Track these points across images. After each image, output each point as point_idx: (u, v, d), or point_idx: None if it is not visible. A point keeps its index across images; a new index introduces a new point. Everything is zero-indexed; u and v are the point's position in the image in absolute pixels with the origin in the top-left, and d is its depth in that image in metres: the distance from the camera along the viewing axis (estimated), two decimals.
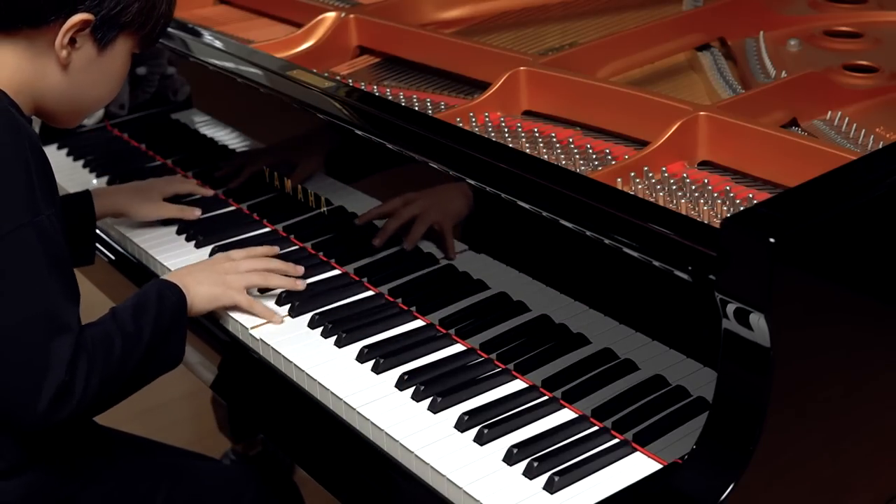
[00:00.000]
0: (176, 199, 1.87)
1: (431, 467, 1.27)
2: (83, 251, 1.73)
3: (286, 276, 1.60)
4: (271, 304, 1.59)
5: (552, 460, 1.25)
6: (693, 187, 1.40)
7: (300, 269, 1.62)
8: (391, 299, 1.59)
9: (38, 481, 1.42)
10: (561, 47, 1.83)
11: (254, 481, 1.64)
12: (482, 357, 1.45)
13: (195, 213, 1.82)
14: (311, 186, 1.74)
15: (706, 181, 1.42)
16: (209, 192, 1.91)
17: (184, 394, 2.88)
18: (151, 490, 1.53)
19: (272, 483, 1.67)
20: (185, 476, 1.59)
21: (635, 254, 1.23)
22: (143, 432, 1.70)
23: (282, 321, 1.55)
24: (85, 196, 1.76)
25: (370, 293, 1.61)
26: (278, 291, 1.60)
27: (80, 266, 1.75)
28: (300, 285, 1.60)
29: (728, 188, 1.39)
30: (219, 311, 1.57)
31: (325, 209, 1.72)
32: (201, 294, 1.53)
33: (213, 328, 1.61)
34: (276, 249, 1.66)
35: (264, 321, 1.55)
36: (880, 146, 1.45)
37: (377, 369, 1.44)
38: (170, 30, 1.97)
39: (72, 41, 1.39)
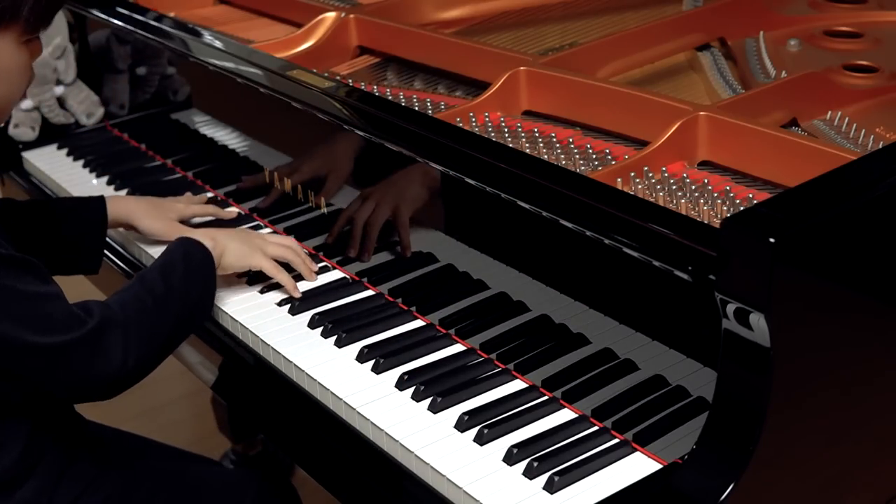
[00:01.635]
0: None
1: (431, 467, 1.27)
2: (89, 257, 1.67)
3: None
4: (276, 296, 1.60)
5: (552, 460, 1.25)
6: (693, 187, 1.40)
7: (316, 268, 1.65)
8: (391, 299, 1.59)
9: (36, 491, 1.41)
10: (561, 47, 1.83)
11: (254, 483, 1.63)
12: (482, 357, 1.45)
13: None
14: (311, 186, 1.74)
15: (706, 181, 1.42)
16: (232, 214, 1.84)
17: (184, 394, 2.88)
18: (149, 497, 1.52)
19: (272, 484, 1.66)
20: (184, 482, 1.58)
21: (635, 254, 1.23)
22: (143, 432, 1.70)
23: (301, 295, 1.59)
24: (98, 202, 1.69)
25: (370, 293, 1.61)
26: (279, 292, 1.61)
27: (84, 274, 1.71)
28: (313, 277, 1.63)
29: (728, 188, 1.39)
30: (230, 313, 1.58)
31: (325, 209, 1.72)
32: (231, 248, 1.56)
33: (214, 328, 1.61)
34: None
35: (263, 321, 1.55)
36: (880, 146, 1.45)
37: (377, 369, 1.44)
38: (169, 30, 1.97)
39: None
